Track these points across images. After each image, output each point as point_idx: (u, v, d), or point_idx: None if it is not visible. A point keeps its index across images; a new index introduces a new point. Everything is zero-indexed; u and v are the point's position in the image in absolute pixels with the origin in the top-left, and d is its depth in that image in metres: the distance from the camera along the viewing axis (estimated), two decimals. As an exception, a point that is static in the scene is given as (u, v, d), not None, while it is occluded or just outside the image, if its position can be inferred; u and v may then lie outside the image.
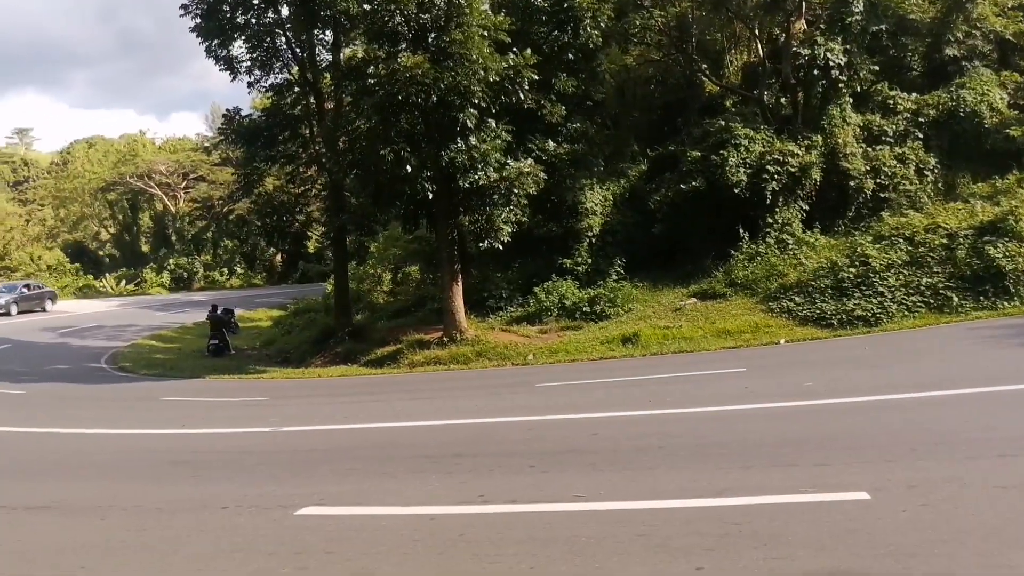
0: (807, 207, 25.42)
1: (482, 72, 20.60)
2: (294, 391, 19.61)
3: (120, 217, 71.41)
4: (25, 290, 46.37)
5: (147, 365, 26.49)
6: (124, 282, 62.85)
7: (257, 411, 15.39)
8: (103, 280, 62.99)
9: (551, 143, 24.81)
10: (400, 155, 21.23)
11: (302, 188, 28.57)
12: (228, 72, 26.58)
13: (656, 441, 9.50)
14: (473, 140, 21.42)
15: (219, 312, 29.55)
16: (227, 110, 27.61)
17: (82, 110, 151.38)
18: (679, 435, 9.82)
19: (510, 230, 22.63)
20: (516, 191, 22.03)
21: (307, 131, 27.22)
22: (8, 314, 42.60)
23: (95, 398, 19.57)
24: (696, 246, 25.55)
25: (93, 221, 72.44)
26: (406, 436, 11.14)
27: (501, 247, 22.89)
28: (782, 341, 19.97)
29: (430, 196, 22.04)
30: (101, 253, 71.45)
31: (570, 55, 25.06)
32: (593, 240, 26.28)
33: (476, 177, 21.49)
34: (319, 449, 10.63)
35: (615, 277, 25.61)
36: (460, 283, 23.59)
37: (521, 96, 21.91)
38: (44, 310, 45.82)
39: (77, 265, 63.55)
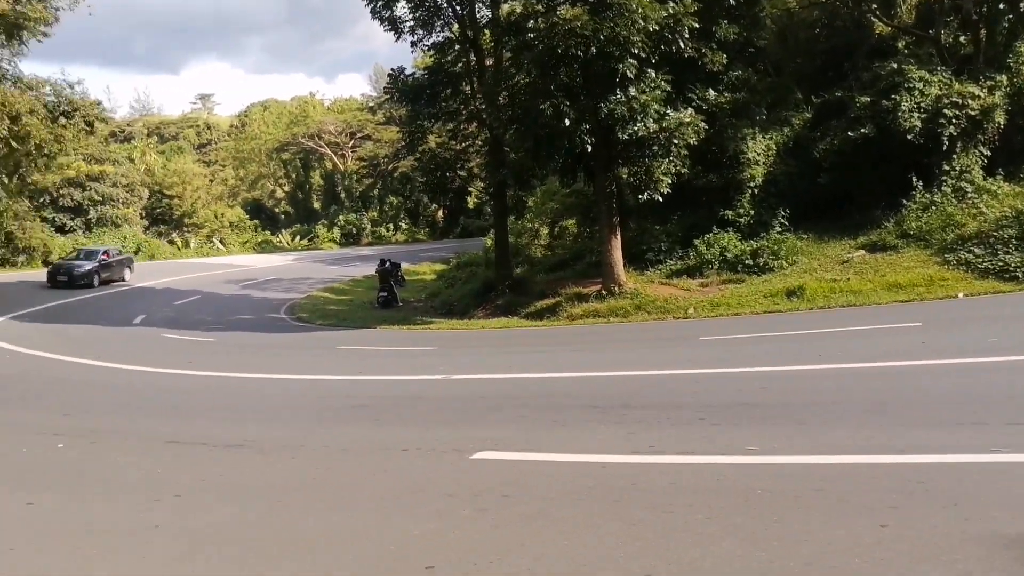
0: (989, 153, 23.75)
1: (641, 22, 20.27)
2: (460, 341, 20.23)
3: (293, 176, 75.21)
4: (105, 257, 38.78)
5: (322, 315, 28.04)
6: (298, 237, 66.44)
7: (427, 360, 16.00)
8: (279, 236, 66.75)
9: (711, 92, 24.22)
10: (559, 108, 21.28)
11: (463, 144, 29.15)
12: (392, 32, 27.42)
13: (829, 396, 9.29)
14: (632, 91, 21.20)
15: (387, 266, 30.72)
16: (392, 70, 28.49)
17: (257, 75, 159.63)
18: (853, 390, 9.55)
19: (669, 181, 22.35)
20: (676, 142, 21.71)
21: (468, 88, 27.71)
22: (91, 285, 35.98)
23: (278, 346, 20.88)
24: (864, 196, 24.41)
25: (269, 180, 76.66)
26: (572, 386, 11.33)
27: (660, 199, 22.60)
28: (960, 295, 18.92)
29: (588, 149, 22.03)
30: (277, 210, 75.56)
31: (731, 1, 24.27)
32: (755, 191, 25.57)
33: (635, 128, 21.30)
34: (488, 397, 10.96)
35: (778, 229, 24.89)
36: (618, 236, 23.53)
37: (681, 45, 21.45)
38: (123, 280, 38.78)
39: (256, 222, 67.55)
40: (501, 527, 5.72)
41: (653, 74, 21.67)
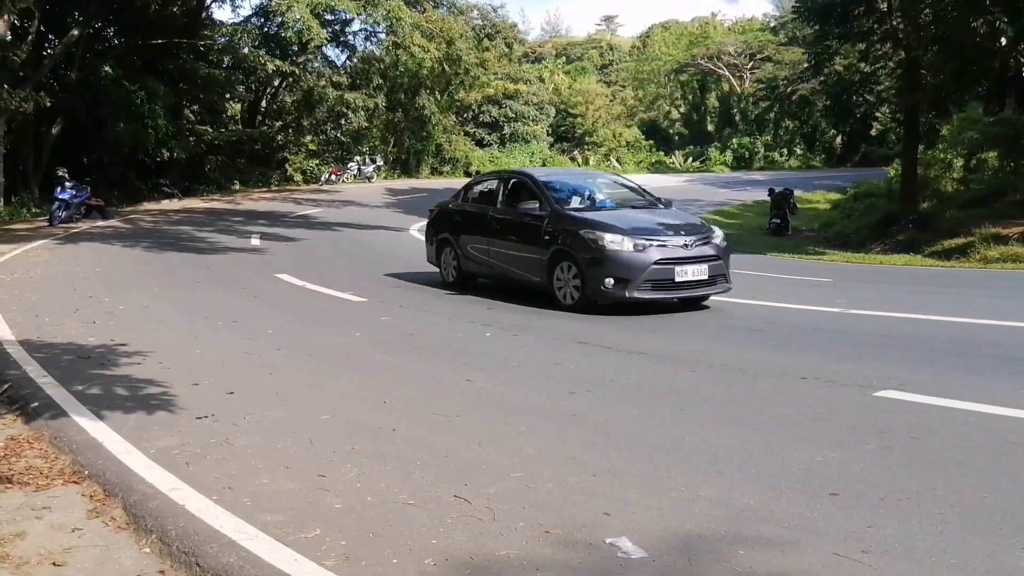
0: None
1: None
2: (856, 275, 19.37)
3: (689, 97, 75.44)
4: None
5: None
6: (690, 159, 66.79)
7: (822, 291, 15.61)
8: (672, 157, 67.59)
9: None
10: (994, 25, 19.35)
11: (873, 67, 27.56)
12: (807, -54, 26.23)
13: None
14: (1094, 3, 18.45)
15: (781, 191, 30.10)
16: (803, -14, 27.42)
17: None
18: None
19: None
20: None
21: (884, 5, 25.91)
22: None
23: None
24: None
25: (665, 101, 77.59)
26: (988, 334, 10.46)
27: (1116, 132, 19.71)
28: None
29: (1025, 73, 19.71)
30: (671, 131, 76.38)
31: None
32: None
33: (1091, 49, 18.62)
34: (890, 335, 10.51)
35: None
36: (1054, 173, 20.93)
37: None
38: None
39: (651, 142, 68.80)
40: (909, 467, 5.66)
41: (1123, -18, 18.67)
